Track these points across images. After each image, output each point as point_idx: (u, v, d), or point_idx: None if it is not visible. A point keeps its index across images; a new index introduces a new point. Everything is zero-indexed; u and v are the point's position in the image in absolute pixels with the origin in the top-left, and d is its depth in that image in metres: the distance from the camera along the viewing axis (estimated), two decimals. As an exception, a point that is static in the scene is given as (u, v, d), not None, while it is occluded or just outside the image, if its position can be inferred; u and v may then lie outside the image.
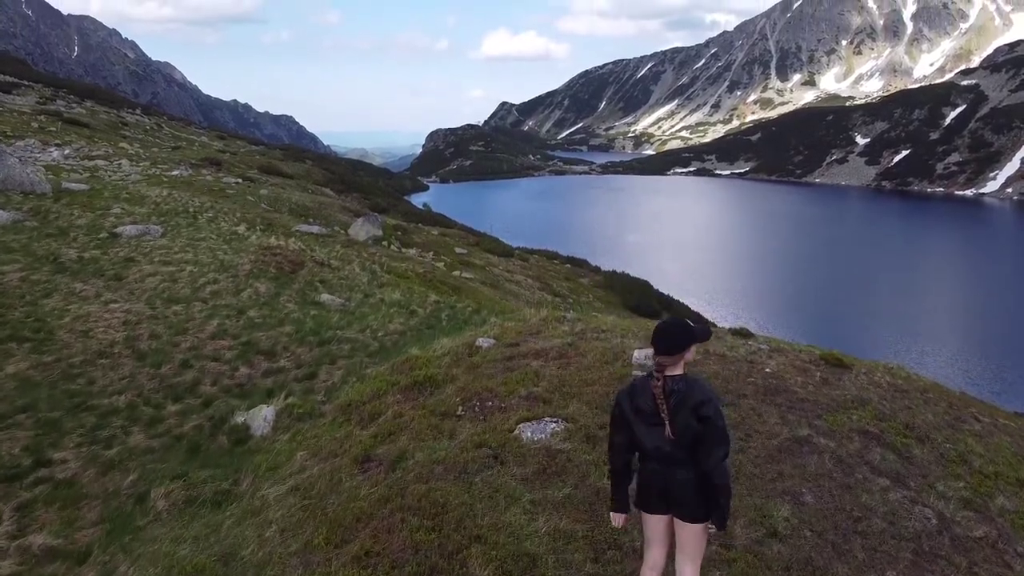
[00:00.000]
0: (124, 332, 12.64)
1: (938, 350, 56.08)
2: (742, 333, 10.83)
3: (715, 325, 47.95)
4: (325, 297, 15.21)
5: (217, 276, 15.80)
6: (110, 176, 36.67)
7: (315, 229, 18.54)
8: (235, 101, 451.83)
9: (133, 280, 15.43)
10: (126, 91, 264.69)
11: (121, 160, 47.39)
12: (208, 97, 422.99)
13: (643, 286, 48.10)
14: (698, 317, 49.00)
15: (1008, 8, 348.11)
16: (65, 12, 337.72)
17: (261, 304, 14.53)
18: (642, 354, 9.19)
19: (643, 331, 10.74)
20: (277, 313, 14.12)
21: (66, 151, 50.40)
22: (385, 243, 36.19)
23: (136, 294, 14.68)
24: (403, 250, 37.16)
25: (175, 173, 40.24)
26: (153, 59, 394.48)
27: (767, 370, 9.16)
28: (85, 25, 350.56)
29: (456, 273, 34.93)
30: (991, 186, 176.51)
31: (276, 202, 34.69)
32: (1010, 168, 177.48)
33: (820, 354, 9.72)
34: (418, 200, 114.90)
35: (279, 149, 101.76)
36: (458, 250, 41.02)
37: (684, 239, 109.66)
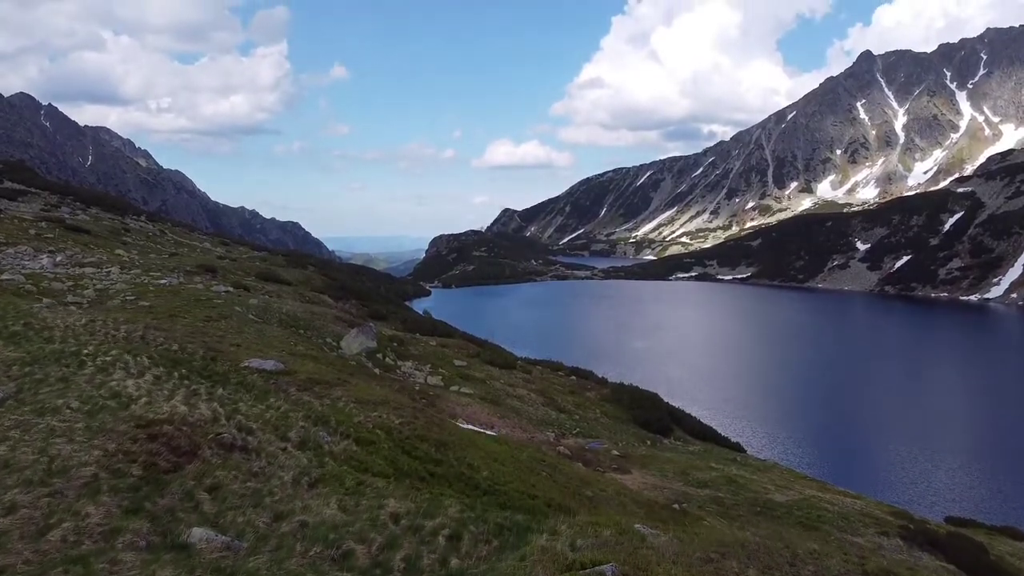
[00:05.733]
0: None
1: (966, 466, 52.99)
2: (884, 531, 8.10)
3: (741, 448, 45.25)
4: (197, 535, 8.74)
5: (20, 497, 9.01)
6: (94, 284, 35.20)
7: (268, 365, 14.69)
8: (243, 208, 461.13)
9: None
10: (136, 198, 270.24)
11: (112, 268, 46.15)
12: (217, 204, 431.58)
13: (652, 399, 45.63)
14: (713, 433, 46.34)
15: (996, 119, 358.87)
16: (82, 123, 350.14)
17: (71, 561, 7.79)
18: None
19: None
20: None
21: (58, 258, 49.29)
22: (380, 355, 34.26)
23: None
24: (398, 363, 35.17)
25: (164, 281, 38.81)
26: (165, 167, 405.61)
27: None
28: (100, 136, 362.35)
29: (454, 388, 32.77)
30: (995, 291, 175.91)
31: (265, 312, 32.94)
32: (1013, 273, 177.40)
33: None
34: (420, 306, 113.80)
35: (282, 255, 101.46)
36: (457, 362, 38.97)
37: (690, 346, 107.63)
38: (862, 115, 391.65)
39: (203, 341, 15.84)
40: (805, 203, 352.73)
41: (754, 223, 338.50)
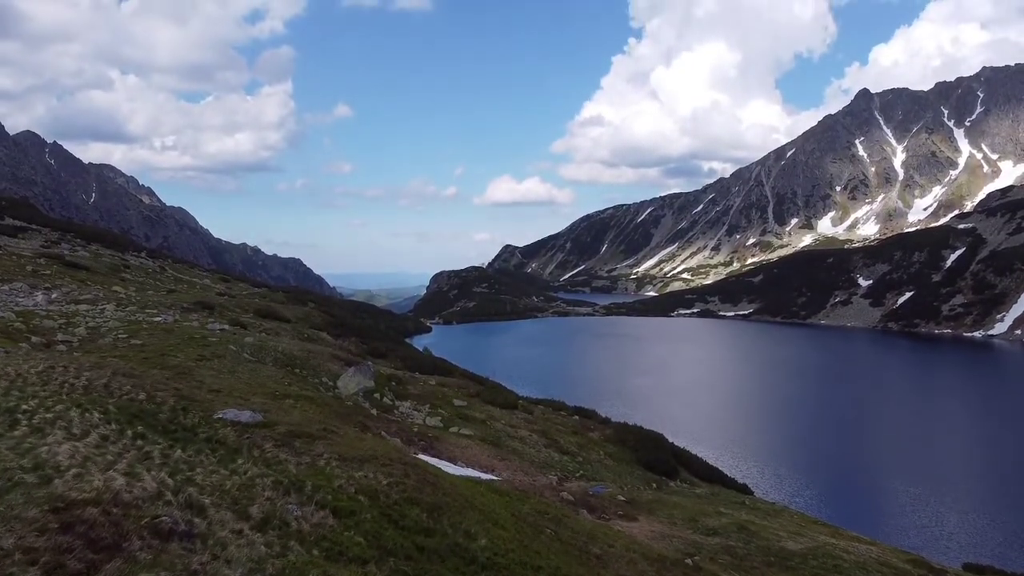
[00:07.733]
0: None
1: (979, 508, 51.56)
2: None
3: (749, 490, 44.06)
4: None
5: None
6: (86, 322, 34.47)
7: (245, 416, 13.34)
8: (244, 244, 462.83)
9: None
10: (138, 235, 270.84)
11: (107, 304, 45.47)
12: (219, 241, 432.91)
13: (656, 439, 44.56)
14: (720, 474, 45.17)
15: (995, 156, 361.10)
16: (87, 161, 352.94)
17: None
18: None
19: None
20: None
21: (53, 295, 48.68)
22: (377, 395, 33.39)
23: None
24: (396, 402, 34.28)
25: (159, 319, 38.11)
26: (168, 204, 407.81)
27: None
28: (104, 173, 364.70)
29: (454, 429, 31.86)
30: (999, 328, 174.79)
31: (261, 351, 32.16)
32: (1016, 309, 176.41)
33: None
34: (420, 342, 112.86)
35: (282, 291, 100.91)
36: (457, 402, 38.06)
37: (694, 384, 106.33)
38: (861, 152, 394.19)
39: (176, 388, 14.29)
40: (806, 239, 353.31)
41: (755, 259, 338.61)
